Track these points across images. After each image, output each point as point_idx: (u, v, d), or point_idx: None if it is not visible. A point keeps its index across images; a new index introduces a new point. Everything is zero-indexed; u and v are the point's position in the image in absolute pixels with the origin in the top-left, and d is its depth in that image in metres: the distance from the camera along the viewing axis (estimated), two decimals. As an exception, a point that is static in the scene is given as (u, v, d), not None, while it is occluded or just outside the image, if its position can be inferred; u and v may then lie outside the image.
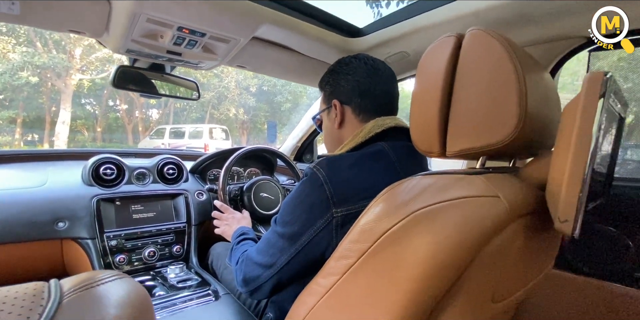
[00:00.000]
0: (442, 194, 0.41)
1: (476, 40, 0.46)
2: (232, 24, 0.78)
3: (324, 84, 0.75)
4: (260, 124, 15.73)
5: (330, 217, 0.55)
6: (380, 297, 0.42)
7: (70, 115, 10.36)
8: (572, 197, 0.40)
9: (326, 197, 0.56)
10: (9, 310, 0.19)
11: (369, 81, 0.68)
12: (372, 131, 0.65)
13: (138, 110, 14.53)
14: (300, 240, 0.58)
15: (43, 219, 0.96)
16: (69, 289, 0.22)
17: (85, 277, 0.25)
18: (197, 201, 1.24)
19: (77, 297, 0.22)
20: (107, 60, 11.22)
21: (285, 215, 0.61)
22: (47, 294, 0.21)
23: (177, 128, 11.50)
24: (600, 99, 0.39)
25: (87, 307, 0.21)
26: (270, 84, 14.00)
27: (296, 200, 0.60)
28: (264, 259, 0.63)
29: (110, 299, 0.23)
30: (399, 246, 0.41)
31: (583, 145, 0.39)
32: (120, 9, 0.70)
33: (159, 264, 1.11)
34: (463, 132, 0.46)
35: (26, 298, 0.20)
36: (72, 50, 10.32)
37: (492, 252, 0.40)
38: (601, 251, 0.85)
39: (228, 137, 11.12)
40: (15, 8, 0.62)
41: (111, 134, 14.80)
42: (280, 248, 0.60)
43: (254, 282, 0.64)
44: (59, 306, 0.20)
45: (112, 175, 1.12)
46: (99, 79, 12.06)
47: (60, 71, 10.33)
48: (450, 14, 0.77)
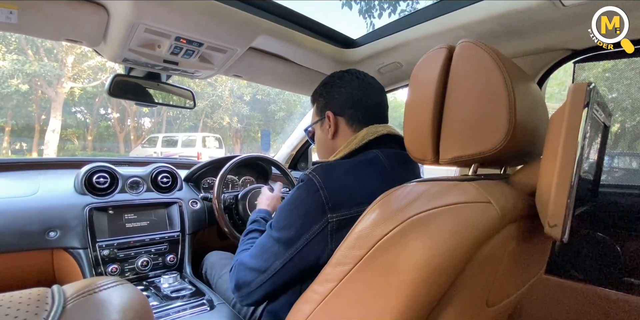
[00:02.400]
0: (436, 200, 0.42)
1: (466, 52, 0.48)
2: (229, 34, 0.80)
3: (317, 96, 0.77)
4: (254, 132, 15.74)
5: (325, 222, 0.56)
6: (377, 303, 0.42)
7: (60, 124, 10.23)
8: (560, 202, 0.42)
9: (322, 203, 0.56)
10: (15, 314, 0.19)
11: (361, 93, 0.71)
12: (366, 138, 0.67)
13: (130, 118, 14.41)
14: (296, 244, 0.58)
15: (34, 228, 0.94)
16: (72, 295, 0.22)
17: (87, 283, 0.25)
18: (191, 210, 1.23)
19: (80, 303, 0.22)
20: (100, 68, 11.17)
21: (281, 220, 0.62)
22: (50, 299, 0.21)
23: (169, 137, 11.45)
24: (584, 108, 0.41)
25: (90, 312, 0.22)
26: (264, 92, 14.04)
27: (292, 205, 0.61)
28: (257, 263, 0.63)
29: (112, 304, 0.23)
30: (394, 252, 0.42)
31: (569, 153, 0.41)
32: (118, 19, 0.71)
33: (152, 274, 1.09)
34: (455, 140, 0.48)
35: (30, 303, 0.20)
36: (64, 58, 10.25)
37: (485, 256, 0.41)
38: (591, 257, 0.87)
39: (221, 146, 11.09)
40: (13, 17, 0.63)
41: (102, 142, 14.64)
42: (275, 253, 0.61)
43: (247, 287, 0.64)
44: (63, 311, 0.20)
45: (105, 183, 1.11)
46: (91, 87, 11.96)
47: (51, 79, 10.23)
48: (441, 26, 0.80)
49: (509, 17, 0.71)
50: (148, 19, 0.70)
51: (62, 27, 0.74)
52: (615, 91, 5.39)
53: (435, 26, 0.81)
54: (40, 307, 0.20)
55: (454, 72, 0.49)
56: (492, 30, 0.77)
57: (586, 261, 0.87)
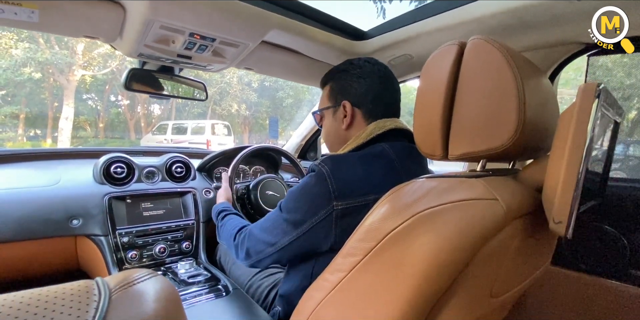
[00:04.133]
0: (445, 196, 0.44)
1: (477, 49, 0.48)
2: (241, 30, 0.81)
3: (329, 80, 0.75)
4: (262, 119, 15.63)
5: (331, 208, 0.60)
6: (385, 293, 0.44)
7: (73, 111, 10.37)
8: (566, 199, 0.43)
9: (328, 191, 0.60)
10: (69, 305, 0.22)
11: (381, 87, 0.72)
12: (373, 133, 0.69)
13: (140, 105, 14.46)
14: (302, 226, 0.63)
15: (58, 216, 0.99)
16: (114, 286, 0.25)
17: (124, 275, 0.28)
18: (204, 199, 1.27)
19: (123, 294, 0.25)
20: (110, 56, 11.18)
21: (290, 202, 0.66)
22: (97, 290, 0.24)
23: (179, 124, 11.49)
24: (593, 108, 0.41)
25: (133, 302, 0.24)
26: (272, 79, 13.84)
27: (302, 190, 0.65)
28: (267, 237, 0.69)
29: (150, 295, 0.26)
30: (403, 245, 0.43)
31: (577, 153, 0.42)
32: (135, 16, 0.72)
33: (168, 260, 1.14)
34: (465, 136, 0.49)
35: (81, 294, 0.23)
36: (74, 46, 10.30)
37: (490, 251, 0.43)
38: (598, 249, 0.88)
39: (230, 133, 11.10)
40: (35, 16, 0.65)
41: (113, 130, 14.76)
42: (283, 230, 0.66)
43: (258, 255, 0.71)
44: (110, 301, 0.23)
45: (122, 173, 1.15)
46: (101, 75, 12.02)
47: (62, 67, 10.32)
48: (453, 19, 0.79)
49: (523, 10, 0.70)
50: (163, 15, 0.71)
51: (80, 24, 0.76)
52: (633, 77, 5.23)
53: (448, 19, 0.80)
54: (89, 298, 0.23)
55: (464, 69, 0.49)
56: (505, 24, 0.76)
57: (592, 253, 0.89)
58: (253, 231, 0.73)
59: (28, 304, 0.21)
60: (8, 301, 0.21)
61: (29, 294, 0.22)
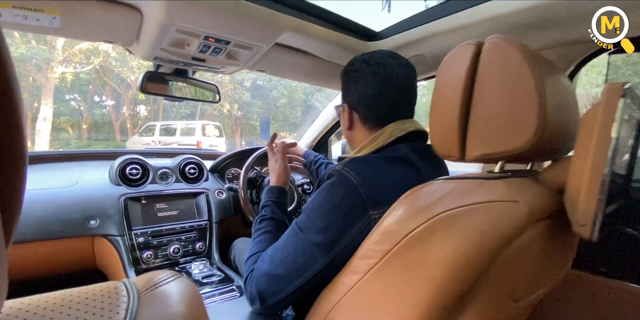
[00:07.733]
0: (464, 198, 0.43)
1: (495, 49, 0.48)
2: (255, 32, 0.82)
3: (342, 79, 0.74)
4: (254, 120, 14.29)
5: (367, 219, 0.55)
6: (402, 296, 0.44)
7: (52, 111, 9.33)
8: (590, 202, 0.42)
9: (362, 201, 0.55)
10: (100, 306, 0.22)
11: (376, 93, 0.68)
12: (394, 135, 0.66)
13: (126, 106, 13.44)
14: (337, 246, 0.55)
15: (76, 217, 1.01)
16: (142, 288, 0.26)
17: (149, 277, 0.29)
18: (217, 200, 1.28)
19: (151, 294, 0.25)
20: (92, 52, 10.05)
21: (318, 221, 0.57)
22: (125, 291, 0.25)
23: (167, 125, 10.86)
24: (619, 107, 0.40)
25: (160, 303, 0.25)
26: (265, 78, 12.69)
27: (329, 205, 0.57)
28: (287, 270, 0.58)
29: (175, 296, 0.27)
30: (421, 248, 0.43)
31: (602, 155, 0.40)
32: (152, 20, 0.73)
33: (182, 260, 1.15)
34: (482, 138, 0.48)
35: (111, 295, 0.23)
36: (53, 41, 9.05)
37: (511, 255, 0.42)
38: (620, 252, 0.85)
39: (222, 134, 10.54)
40: (56, 22, 0.67)
41: (98, 131, 13.55)
42: (310, 257, 0.57)
43: (275, 296, 0.60)
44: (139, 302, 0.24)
45: (137, 175, 1.17)
46: (84, 73, 11.05)
47: (40, 63, 9.27)
48: (468, 19, 0.78)
49: (541, 8, 0.69)
50: (180, 19, 0.72)
51: (99, 29, 0.78)
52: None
53: (462, 19, 0.79)
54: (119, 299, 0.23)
55: (482, 69, 0.48)
56: (522, 23, 0.74)
57: (615, 256, 0.86)
58: (264, 269, 0.61)
59: (61, 304, 0.21)
60: (41, 302, 0.21)
61: (60, 295, 0.22)
